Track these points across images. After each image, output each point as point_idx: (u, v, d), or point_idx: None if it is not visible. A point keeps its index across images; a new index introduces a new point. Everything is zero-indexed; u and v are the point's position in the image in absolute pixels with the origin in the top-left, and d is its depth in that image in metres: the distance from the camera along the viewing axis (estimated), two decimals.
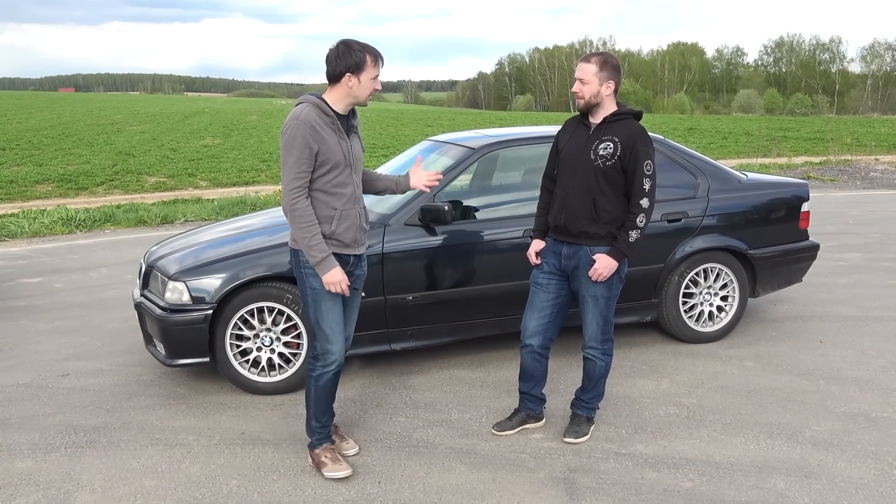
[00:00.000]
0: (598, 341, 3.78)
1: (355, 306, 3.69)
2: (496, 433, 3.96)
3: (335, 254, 3.40)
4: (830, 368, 4.80)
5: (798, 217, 5.50)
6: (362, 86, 3.35)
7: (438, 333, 4.81)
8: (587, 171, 3.63)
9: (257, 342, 4.50)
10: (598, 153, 3.61)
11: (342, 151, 3.36)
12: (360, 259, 3.58)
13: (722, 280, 5.30)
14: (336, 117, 3.36)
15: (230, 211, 11.64)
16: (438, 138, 5.68)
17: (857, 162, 19.95)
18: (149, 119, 41.65)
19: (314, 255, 3.31)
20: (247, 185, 19.61)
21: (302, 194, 3.30)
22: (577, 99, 3.66)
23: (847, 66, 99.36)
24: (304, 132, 3.25)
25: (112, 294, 6.98)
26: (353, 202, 3.45)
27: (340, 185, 3.38)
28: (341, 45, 3.33)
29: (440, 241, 4.67)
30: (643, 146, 3.59)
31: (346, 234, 3.44)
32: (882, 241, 8.83)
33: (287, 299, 4.46)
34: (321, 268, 3.32)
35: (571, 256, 3.73)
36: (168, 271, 4.52)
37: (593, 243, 3.66)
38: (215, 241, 4.88)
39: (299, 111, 3.32)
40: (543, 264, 3.86)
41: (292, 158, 3.26)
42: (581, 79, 3.62)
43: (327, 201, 3.37)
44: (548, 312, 3.84)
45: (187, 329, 4.35)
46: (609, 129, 3.64)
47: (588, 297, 3.73)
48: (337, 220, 3.39)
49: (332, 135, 3.33)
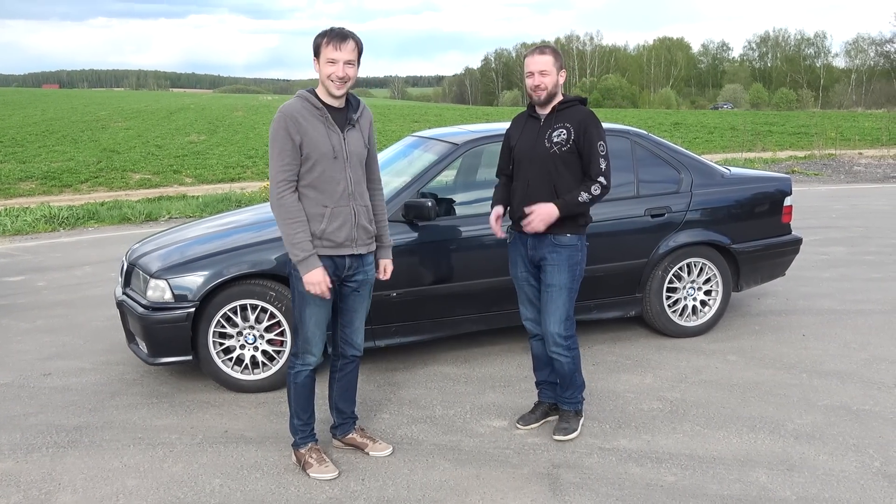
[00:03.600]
0: (562, 337, 3.76)
1: (360, 311, 3.60)
2: (521, 427, 3.97)
3: (328, 255, 3.36)
4: (813, 362, 4.83)
5: (781, 211, 5.53)
6: (322, 70, 3.27)
7: (423, 330, 4.80)
8: (544, 160, 3.68)
9: (240, 340, 4.48)
10: (553, 140, 3.66)
11: (330, 143, 3.29)
12: (361, 260, 3.48)
13: (705, 274, 5.32)
14: (326, 109, 3.32)
15: (215, 208, 11.60)
16: (422, 134, 5.67)
17: (842, 156, 20.10)
18: (134, 115, 41.41)
19: (295, 252, 3.27)
20: (232, 181, 19.55)
21: (288, 188, 3.26)
22: (537, 91, 3.67)
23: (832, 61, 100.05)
24: (285, 124, 3.22)
25: (95, 292, 6.93)
26: (347, 198, 3.36)
27: (330, 180, 3.31)
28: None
29: (424, 237, 4.66)
30: (595, 128, 3.66)
31: (339, 233, 3.36)
32: (865, 234, 8.89)
33: (270, 297, 4.44)
34: (301, 267, 3.28)
35: (537, 246, 3.75)
36: (150, 269, 4.49)
37: (557, 231, 3.68)
38: (200, 238, 4.85)
39: (285, 104, 3.30)
40: (516, 260, 3.90)
41: (275, 151, 3.24)
42: (542, 71, 3.65)
43: (316, 198, 3.31)
44: (539, 300, 3.85)
45: (170, 327, 4.32)
46: (559, 116, 3.70)
47: (552, 286, 3.73)
48: (328, 217, 3.32)
49: (320, 126, 3.28)
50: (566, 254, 3.70)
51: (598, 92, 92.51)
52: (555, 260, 3.70)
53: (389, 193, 4.71)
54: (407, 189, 4.73)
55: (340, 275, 3.44)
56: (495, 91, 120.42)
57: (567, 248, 3.70)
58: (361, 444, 3.76)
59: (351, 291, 3.53)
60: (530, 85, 3.69)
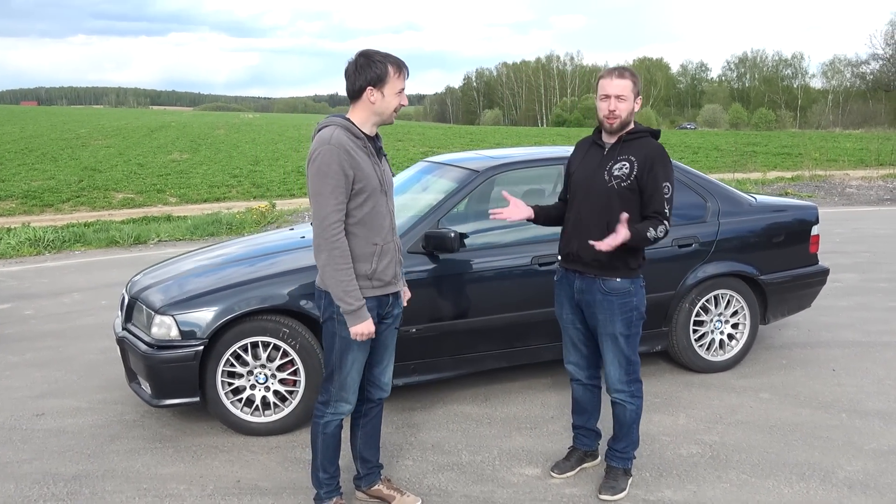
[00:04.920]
0: (625, 383, 3.51)
1: (391, 347, 3.39)
2: (555, 476, 3.71)
3: (376, 296, 3.14)
4: (850, 400, 4.62)
5: (808, 240, 5.34)
6: (386, 101, 3.06)
7: (443, 367, 4.55)
8: (601, 194, 3.37)
9: (251, 380, 4.20)
10: (613, 174, 3.35)
11: (377, 176, 3.08)
12: (397, 296, 3.30)
13: (732, 307, 5.11)
14: (366, 139, 3.10)
15: (205, 230, 11.29)
16: (436, 160, 5.43)
17: (831, 177, 20.08)
18: (114, 133, 40.92)
19: (349, 302, 3.02)
20: (218, 201, 19.24)
21: (342, 229, 3.01)
22: (610, 118, 3.34)
23: (809, 82, 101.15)
24: (339, 157, 2.95)
25: (86, 321, 6.61)
26: (392, 233, 3.18)
27: (379, 215, 3.10)
28: (360, 57, 3.04)
29: (444, 269, 4.42)
30: (662, 167, 3.33)
31: (388, 271, 3.15)
32: (873, 260, 8.75)
33: (284, 334, 4.16)
34: (353, 317, 3.03)
35: (585, 290, 3.47)
36: (154, 304, 4.21)
37: (607, 274, 3.40)
38: (199, 271, 4.58)
39: (328, 135, 3.01)
40: (562, 300, 3.61)
41: (328, 187, 2.96)
42: (620, 96, 3.32)
43: (366, 236, 3.08)
44: (584, 345, 3.61)
45: (176, 367, 4.04)
46: (625, 148, 3.38)
47: (606, 335, 3.46)
48: (378, 256, 3.10)
49: (366, 159, 3.05)
50: (618, 301, 3.40)
51: (579, 112, 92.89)
52: (605, 307, 3.42)
53: (407, 222, 4.48)
54: (427, 218, 4.48)
55: (382, 313, 3.21)
56: (476, 110, 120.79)
57: (618, 294, 3.41)
58: (388, 497, 3.49)
59: (386, 328, 3.30)
60: (604, 110, 3.35)
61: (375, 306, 3.16)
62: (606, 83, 3.34)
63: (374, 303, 3.15)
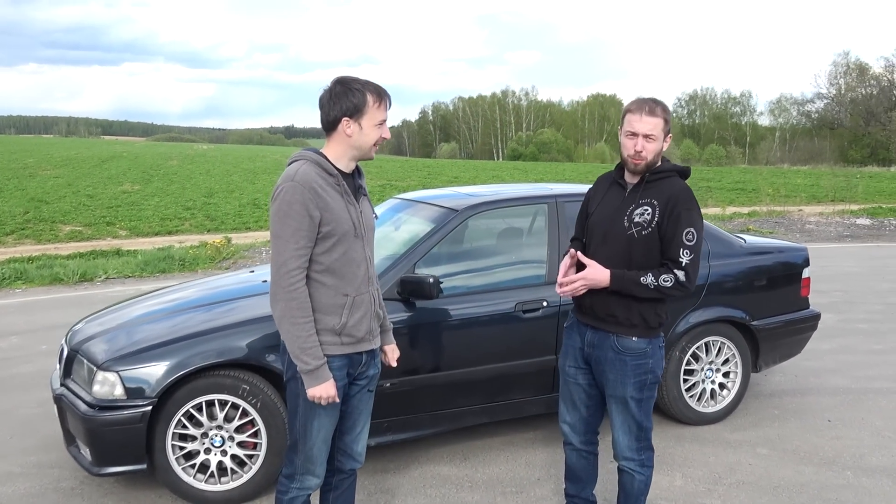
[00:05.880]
0: (634, 451, 3.16)
1: (366, 413, 3.00)
2: None
3: (346, 354, 2.75)
4: (852, 456, 4.34)
5: (799, 283, 5.09)
6: (364, 134, 2.71)
7: (419, 425, 4.15)
8: (619, 241, 3.00)
9: (205, 443, 3.76)
10: (634, 220, 2.97)
11: (351, 219, 2.70)
12: (373, 355, 2.92)
13: (724, 355, 4.82)
14: (341, 176, 2.72)
15: (156, 267, 10.72)
16: (407, 196, 5.08)
17: (789, 213, 20.21)
18: (63, 163, 39.81)
19: (306, 361, 2.64)
20: (170, 234, 18.58)
21: (302, 276, 2.63)
22: (636, 160, 2.95)
23: (757, 119, 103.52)
24: (303, 196, 2.59)
25: (24, 370, 6.06)
26: (367, 283, 2.79)
27: (351, 262, 2.72)
28: (336, 85, 2.69)
29: (421, 317, 4.04)
30: (686, 211, 2.94)
31: (360, 327, 2.77)
32: (847, 299, 8.59)
33: (243, 391, 3.74)
34: (310, 378, 2.65)
35: (596, 345, 3.10)
36: (96, 358, 3.75)
37: (622, 331, 3.04)
38: (149, 319, 4.14)
39: (294, 170, 2.65)
40: (567, 351, 3.25)
41: (288, 229, 2.59)
42: (649, 135, 2.93)
43: (336, 285, 2.70)
44: (585, 405, 3.25)
45: (120, 430, 3.57)
46: (648, 189, 3.00)
47: (615, 398, 3.11)
48: (349, 308, 2.72)
49: (338, 198, 2.68)
50: (631, 362, 3.04)
51: (535, 146, 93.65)
52: (616, 367, 3.05)
53: (380, 266, 4.09)
54: (402, 262, 4.11)
55: (354, 373, 2.82)
56: (433, 143, 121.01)
57: (633, 354, 3.04)
58: None
59: (359, 390, 2.91)
60: (629, 148, 2.96)
61: (345, 365, 2.78)
62: (635, 120, 2.96)
63: (344, 361, 2.78)
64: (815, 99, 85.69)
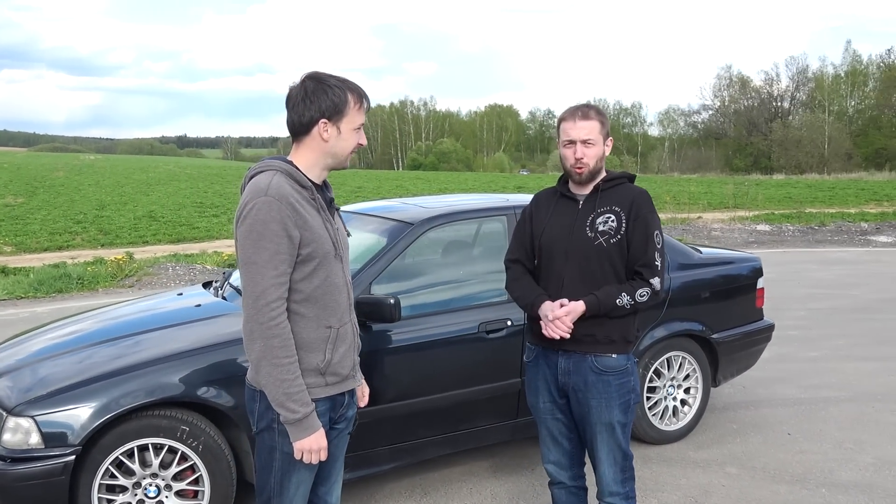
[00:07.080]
0: (619, 483, 2.90)
1: (341, 458, 2.61)
2: None
3: (330, 396, 2.36)
4: (821, 471, 4.22)
5: (755, 294, 4.99)
6: (343, 139, 2.33)
7: (378, 460, 3.76)
8: (586, 254, 2.78)
9: (138, 493, 3.27)
10: (598, 229, 2.78)
11: (330, 238, 2.31)
12: (352, 394, 2.54)
13: (685, 370, 4.65)
14: (314, 189, 2.33)
15: (52, 286, 9.86)
16: (352, 209, 4.68)
17: (694, 221, 20.71)
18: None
19: (293, 409, 2.22)
20: (60, 249, 17.38)
21: (283, 309, 2.21)
22: (578, 168, 2.81)
23: (647, 130, 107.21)
24: (280, 213, 2.17)
25: None
26: (349, 311, 2.42)
27: (334, 287, 2.32)
28: (310, 81, 2.29)
29: (378, 342, 3.67)
30: (650, 213, 2.82)
31: (345, 363, 2.39)
32: (772, 306, 8.61)
33: (182, 433, 3.27)
34: (298, 428, 2.25)
35: (573, 371, 2.84)
36: (4, 402, 3.21)
37: (601, 349, 2.80)
38: (61, 352, 3.59)
39: (265, 182, 2.22)
40: (537, 386, 2.96)
41: (265, 253, 2.16)
42: (587, 140, 2.79)
43: (318, 316, 2.29)
44: (567, 438, 2.97)
45: (38, 485, 3.05)
46: (605, 198, 2.83)
47: (601, 425, 2.84)
48: (333, 342, 2.33)
49: (315, 215, 2.28)
50: (615, 382, 2.81)
51: (434, 156, 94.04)
52: (600, 391, 2.80)
53: None
54: (355, 281, 3.71)
55: (335, 417, 2.43)
56: None
57: (615, 373, 2.81)
58: None
59: (337, 435, 2.52)
60: (570, 158, 2.81)
61: (327, 410, 2.40)
62: (569, 127, 2.83)
63: (327, 405, 2.39)
64: (700, 110, 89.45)
